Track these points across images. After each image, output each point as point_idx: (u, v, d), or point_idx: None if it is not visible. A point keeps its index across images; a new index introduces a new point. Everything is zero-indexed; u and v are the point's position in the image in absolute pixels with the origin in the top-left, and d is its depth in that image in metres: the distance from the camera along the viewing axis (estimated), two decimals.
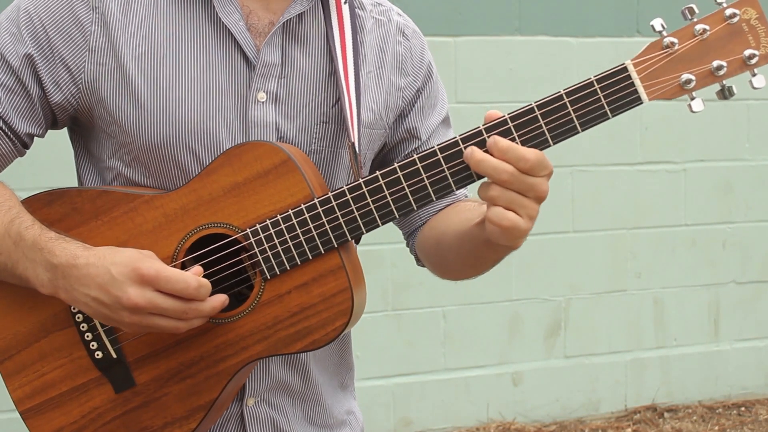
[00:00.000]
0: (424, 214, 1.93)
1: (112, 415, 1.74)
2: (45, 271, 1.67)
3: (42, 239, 1.68)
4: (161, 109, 1.75)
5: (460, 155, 1.62)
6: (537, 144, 1.60)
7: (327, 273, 1.68)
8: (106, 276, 1.62)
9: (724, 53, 1.60)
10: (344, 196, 1.66)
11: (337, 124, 1.81)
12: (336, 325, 1.68)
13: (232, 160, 1.69)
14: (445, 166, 1.63)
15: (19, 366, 1.76)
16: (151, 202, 1.72)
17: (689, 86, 1.60)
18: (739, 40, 1.59)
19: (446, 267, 1.90)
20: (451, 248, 1.83)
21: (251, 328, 1.69)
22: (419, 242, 1.94)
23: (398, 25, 1.92)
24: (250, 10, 1.79)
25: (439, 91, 1.96)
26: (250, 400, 1.84)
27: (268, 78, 1.78)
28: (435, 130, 1.93)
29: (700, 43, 1.60)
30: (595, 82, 1.60)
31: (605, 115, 1.60)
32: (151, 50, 1.75)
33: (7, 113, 1.76)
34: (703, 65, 1.60)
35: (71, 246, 1.67)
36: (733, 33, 1.59)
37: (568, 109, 1.60)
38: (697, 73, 1.60)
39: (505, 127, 1.60)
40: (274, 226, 1.68)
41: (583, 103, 1.60)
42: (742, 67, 1.60)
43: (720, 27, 1.60)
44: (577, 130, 1.61)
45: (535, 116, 1.60)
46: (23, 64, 1.75)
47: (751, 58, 1.59)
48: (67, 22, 1.75)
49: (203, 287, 1.63)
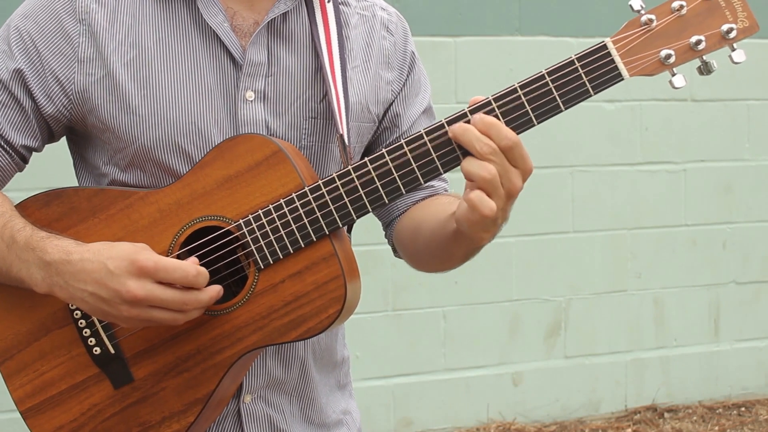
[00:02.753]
0: (402, 204, 1.95)
1: (111, 411, 1.75)
2: (38, 270, 1.68)
3: (33, 239, 1.69)
4: (152, 113, 1.77)
5: (445, 135, 1.64)
6: (522, 123, 1.63)
7: (319, 261, 1.69)
8: (102, 270, 1.62)
9: (702, 28, 1.62)
10: (334, 182, 1.68)
11: (325, 119, 1.84)
12: (329, 313, 1.69)
13: (224, 154, 1.71)
14: (431, 146, 1.65)
15: (20, 365, 1.77)
16: (146, 198, 1.74)
17: (669, 61, 1.62)
18: (716, 15, 1.62)
19: (419, 258, 1.92)
20: (424, 238, 1.85)
21: (246, 319, 1.71)
22: (396, 232, 1.96)
23: (382, 20, 1.95)
24: (235, 11, 1.82)
25: (421, 80, 1.99)
26: (247, 396, 1.85)
27: (255, 77, 1.80)
28: (417, 120, 1.96)
29: (678, 19, 1.62)
30: (576, 61, 1.62)
31: (587, 93, 1.63)
32: (139, 56, 1.77)
33: (2, 126, 1.79)
34: (682, 40, 1.62)
35: (63, 243, 1.68)
36: (710, 8, 1.62)
37: (549, 87, 1.62)
38: (676, 48, 1.62)
39: (490, 107, 1.63)
40: (266, 215, 1.70)
41: (565, 80, 1.62)
42: (720, 42, 1.62)
43: (697, 3, 1.62)
44: (560, 108, 1.63)
45: (518, 96, 1.63)
46: (13, 79, 1.78)
47: (729, 32, 1.61)
48: (56, 35, 1.78)
49: (201, 275, 1.64)
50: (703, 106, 5.12)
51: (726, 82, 5.15)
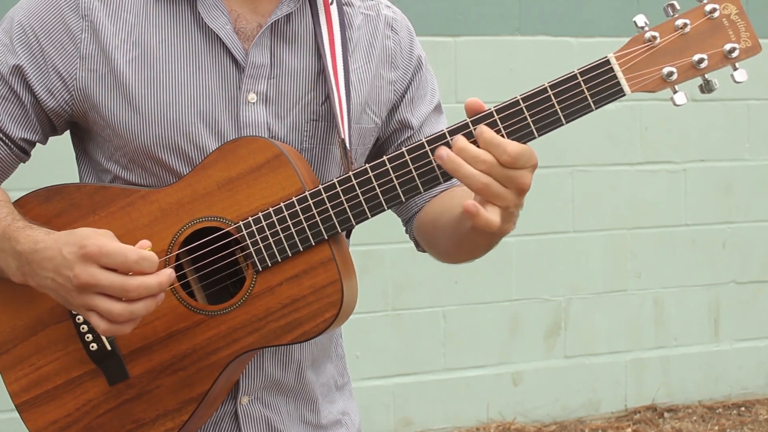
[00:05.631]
0: (420, 200, 1.95)
1: (105, 407, 1.76)
2: (13, 260, 1.68)
3: (10, 229, 1.70)
4: (153, 112, 1.77)
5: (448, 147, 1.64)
6: (522, 135, 1.63)
7: (317, 265, 1.70)
8: (59, 258, 1.62)
9: (705, 47, 1.62)
10: (334, 188, 1.69)
11: (326, 122, 1.84)
12: (326, 317, 1.70)
13: (227, 155, 1.72)
14: (433, 157, 1.65)
15: (16, 359, 1.78)
16: (148, 196, 1.74)
17: (671, 79, 1.62)
18: (719, 35, 1.62)
19: (444, 252, 1.92)
20: (445, 233, 1.85)
21: (243, 320, 1.71)
22: (417, 227, 1.96)
23: (386, 18, 1.94)
24: (238, 14, 1.81)
25: (429, 81, 1.98)
26: (244, 398, 1.85)
27: (257, 79, 1.80)
28: (427, 118, 1.96)
29: (681, 37, 1.62)
30: (579, 75, 1.63)
31: (588, 107, 1.63)
32: (142, 55, 1.77)
33: (1, 119, 1.79)
34: (685, 58, 1.62)
35: (35, 233, 1.68)
36: (714, 27, 1.62)
37: (552, 101, 1.63)
38: (679, 66, 1.62)
39: (491, 119, 1.63)
40: (266, 218, 1.70)
41: (567, 95, 1.63)
42: (723, 61, 1.63)
43: (701, 21, 1.62)
44: (561, 122, 1.64)
45: (521, 108, 1.64)
46: (13, 73, 1.78)
47: (732, 52, 1.62)
48: (58, 30, 1.78)
49: (145, 259, 1.59)
50: (703, 106, 5.12)
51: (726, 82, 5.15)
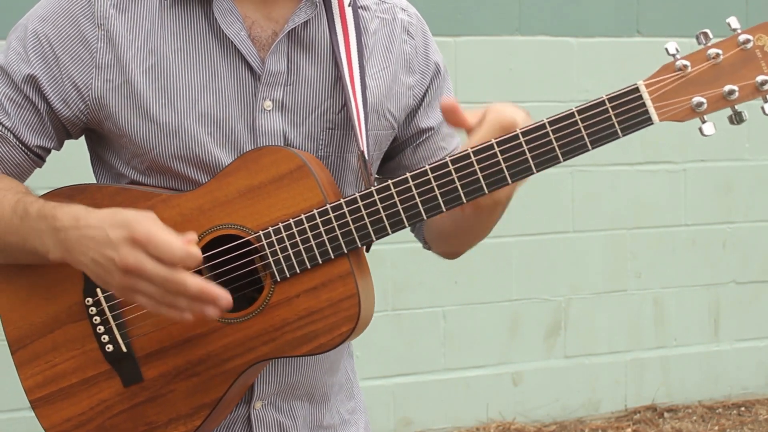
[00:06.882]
0: None
1: (119, 408, 1.76)
2: (50, 237, 1.68)
3: (45, 207, 1.70)
4: (170, 122, 1.76)
5: (471, 167, 1.63)
6: (547, 160, 1.62)
7: (336, 278, 1.70)
8: (103, 237, 1.63)
9: (737, 78, 1.59)
10: (356, 203, 1.69)
11: (343, 130, 1.83)
12: (342, 331, 1.70)
13: (249, 164, 1.72)
14: (456, 176, 1.64)
15: (32, 355, 1.78)
16: (168, 201, 1.74)
17: (701, 109, 1.60)
18: (752, 66, 1.59)
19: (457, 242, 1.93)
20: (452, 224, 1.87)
21: (259, 330, 1.71)
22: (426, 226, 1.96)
23: (402, 23, 1.93)
24: (253, 21, 1.80)
25: (445, 86, 1.97)
26: (258, 403, 1.85)
27: (273, 86, 1.79)
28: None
29: (713, 67, 1.60)
30: (607, 101, 1.61)
31: (615, 134, 1.62)
32: (158, 64, 1.76)
33: (17, 127, 1.79)
34: (715, 89, 1.60)
35: (74, 209, 1.69)
36: (747, 59, 1.59)
37: (578, 126, 1.61)
38: (709, 96, 1.60)
39: (516, 141, 1.62)
40: (286, 229, 1.70)
41: (594, 121, 1.61)
42: (754, 93, 1.60)
43: (733, 52, 1.59)
44: (587, 147, 1.63)
45: (546, 132, 1.62)
46: (28, 83, 1.78)
47: (764, 84, 1.59)
48: (74, 40, 1.77)
49: (190, 256, 1.60)
50: None
51: None
